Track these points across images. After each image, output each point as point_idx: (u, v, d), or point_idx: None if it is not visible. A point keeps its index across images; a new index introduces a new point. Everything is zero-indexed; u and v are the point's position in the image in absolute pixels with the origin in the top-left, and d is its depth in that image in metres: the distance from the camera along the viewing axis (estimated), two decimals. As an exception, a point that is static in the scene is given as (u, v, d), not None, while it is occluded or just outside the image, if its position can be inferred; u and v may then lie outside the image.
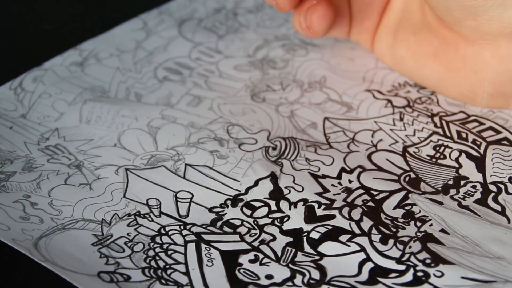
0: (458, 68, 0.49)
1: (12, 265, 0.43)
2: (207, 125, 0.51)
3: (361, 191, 0.46)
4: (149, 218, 0.45)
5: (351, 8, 0.53)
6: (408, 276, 0.41)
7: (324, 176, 0.47)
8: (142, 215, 0.45)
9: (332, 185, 0.47)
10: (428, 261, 0.42)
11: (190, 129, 0.51)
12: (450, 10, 0.46)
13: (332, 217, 0.45)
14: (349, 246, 0.43)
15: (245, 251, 0.43)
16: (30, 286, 0.42)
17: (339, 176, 0.47)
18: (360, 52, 0.57)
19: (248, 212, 0.45)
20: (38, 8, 0.62)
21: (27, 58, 0.56)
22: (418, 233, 0.44)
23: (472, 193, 0.46)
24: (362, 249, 0.43)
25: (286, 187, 0.47)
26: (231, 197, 0.46)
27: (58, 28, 0.60)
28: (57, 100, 0.53)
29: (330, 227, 0.44)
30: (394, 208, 0.45)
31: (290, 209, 0.45)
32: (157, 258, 0.43)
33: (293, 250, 0.43)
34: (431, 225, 0.44)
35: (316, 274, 0.42)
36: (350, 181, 0.47)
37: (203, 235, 0.44)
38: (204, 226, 0.45)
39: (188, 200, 0.46)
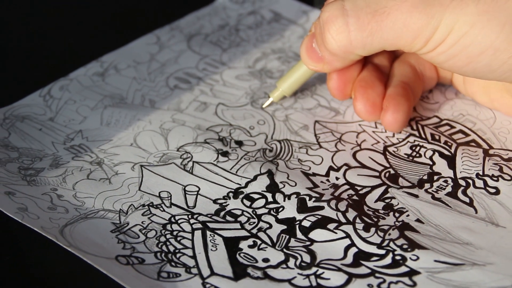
0: None
1: (41, 250, 0.43)
2: (212, 128, 0.51)
3: (346, 186, 0.46)
4: (161, 209, 0.45)
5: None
6: (388, 260, 0.42)
7: (314, 174, 0.47)
8: (155, 206, 0.45)
9: (321, 181, 0.47)
10: (405, 246, 0.42)
11: (197, 131, 0.51)
12: None
13: (321, 208, 0.45)
14: (336, 233, 0.43)
15: (245, 238, 0.43)
16: (57, 267, 0.42)
17: (327, 174, 0.47)
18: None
19: (248, 203, 0.45)
20: (61, 25, 0.62)
21: (55, 69, 0.56)
22: (396, 223, 0.44)
23: (444, 187, 0.46)
24: (347, 236, 0.43)
25: (281, 182, 0.47)
26: (233, 190, 0.46)
27: (81, 42, 0.60)
28: (81, 105, 0.53)
29: (319, 217, 0.44)
30: (376, 201, 0.45)
31: (284, 200, 0.45)
32: (168, 243, 0.43)
33: (287, 236, 0.43)
34: (408, 215, 0.44)
35: (307, 258, 0.42)
36: (337, 178, 0.47)
37: (208, 224, 0.44)
38: (209, 215, 0.45)
39: (195, 192, 0.46)
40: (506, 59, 0.43)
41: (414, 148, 0.49)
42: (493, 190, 0.45)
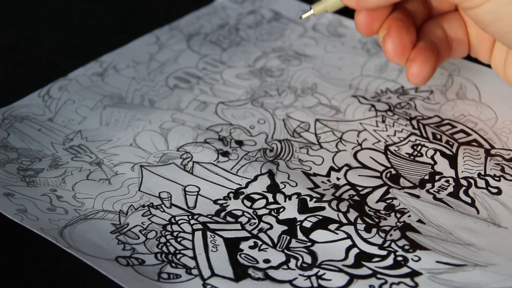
0: None
1: (40, 251, 0.43)
2: (212, 127, 0.51)
3: (347, 187, 0.46)
4: (161, 209, 0.45)
5: (469, 34, 0.49)
6: (389, 260, 0.41)
7: (315, 174, 0.47)
8: (155, 206, 0.45)
9: (322, 182, 0.47)
10: (406, 247, 0.42)
11: (197, 130, 0.50)
12: None
13: (322, 208, 0.45)
14: (337, 234, 0.43)
15: (246, 238, 0.43)
16: (56, 270, 0.42)
17: (328, 174, 0.47)
18: (347, 61, 0.56)
19: (248, 203, 0.45)
20: (60, 25, 0.62)
21: (54, 69, 0.56)
22: (398, 223, 0.43)
23: (445, 187, 0.46)
24: (349, 236, 0.43)
25: (281, 182, 0.46)
26: (233, 191, 0.46)
27: (80, 42, 0.60)
28: (80, 106, 0.53)
29: (320, 217, 0.44)
30: (377, 202, 0.45)
31: (285, 201, 0.45)
32: (168, 244, 0.43)
33: (288, 237, 0.43)
34: (409, 216, 0.44)
35: (308, 259, 0.42)
36: (338, 179, 0.47)
37: (208, 224, 0.44)
38: (209, 216, 0.44)
39: (196, 193, 0.46)
40: None
41: (415, 147, 0.49)
42: (495, 190, 0.45)
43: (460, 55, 0.50)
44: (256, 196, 0.46)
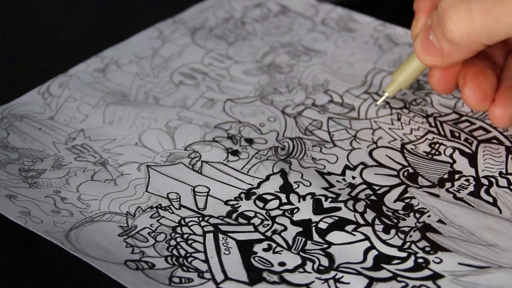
0: None
1: (46, 255, 0.43)
2: (220, 125, 0.51)
3: (363, 186, 0.46)
4: (170, 211, 0.45)
5: None
6: (410, 263, 0.42)
7: (329, 173, 0.47)
8: (163, 208, 0.45)
9: (337, 181, 0.47)
10: (427, 248, 0.42)
11: (205, 128, 0.51)
12: None
13: (338, 209, 0.45)
14: (354, 235, 0.43)
15: (259, 241, 0.43)
16: (63, 273, 0.42)
17: (343, 173, 0.47)
18: (359, 57, 0.57)
19: (261, 204, 0.45)
20: (60, 19, 0.62)
21: (53, 65, 0.56)
22: (417, 224, 0.44)
23: (466, 186, 0.46)
24: (367, 238, 0.43)
25: (295, 182, 0.47)
26: (245, 191, 0.46)
27: (80, 37, 0.60)
28: (82, 103, 0.53)
29: (336, 218, 0.44)
30: (395, 201, 0.45)
31: (299, 201, 0.45)
32: (179, 247, 0.43)
33: (303, 239, 0.43)
34: (429, 216, 0.44)
35: (325, 261, 0.42)
36: (353, 177, 0.47)
37: (220, 226, 0.44)
38: (220, 217, 0.45)
39: (205, 194, 0.46)
40: None
41: (433, 145, 0.49)
42: (517, 189, 0.46)
43: None
44: (268, 197, 0.46)
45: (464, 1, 0.43)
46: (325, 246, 0.43)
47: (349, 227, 0.44)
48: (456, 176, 0.47)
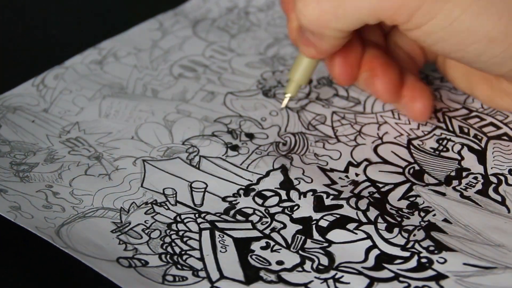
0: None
1: (35, 251, 0.43)
2: (220, 119, 0.51)
3: (367, 183, 0.46)
4: (165, 207, 0.45)
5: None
6: (413, 262, 0.42)
7: (332, 170, 0.48)
8: (158, 204, 0.45)
9: (340, 178, 0.47)
10: (431, 248, 0.42)
11: (204, 122, 0.51)
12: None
13: (340, 206, 0.45)
14: (356, 233, 0.43)
15: (257, 238, 0.43)
16: (53, 271, 0.43)
17: (346, 170, 0.48)
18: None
19: (260, 201, 0.46)
20: (56, 9, 0.63)
21: (49, 56, 0.57)
22: (422, 223, 0.44)
23: (473, 184, 0.46)
24: (369, 236, 0.43)
25: (296, 178, 0.47)
26: (244, 187, 0.46)
27: (78, 28, 0.61)
28: (77, 96, 0.53)
29: (338, 216, 0.44)
30: (399, 199, 0.45)
31: (300, 198, 0.46)
32: (173, 244, 0.43)
33: (303, 237, 0.43)
34: (434, 215, 0.44)
35: (324, 260, 0.42)
36: (357, 174, 0.47)
37: (216, 223, 0.44)
38: (217, 214, 0.45)
39: (203, 190, 0.46)
40: (499, 53, 0.43)
41: (441, 141, 0.49)
42: (527, 188, 0.46)
43: (421, 66, 0.52)
44: (268, 193, 0.46)
45: None
46: (325, 244, 0.43)
47: (351, 225, 0.44)
48: (464, 174, 0.47)
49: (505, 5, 0.42)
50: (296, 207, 0.45)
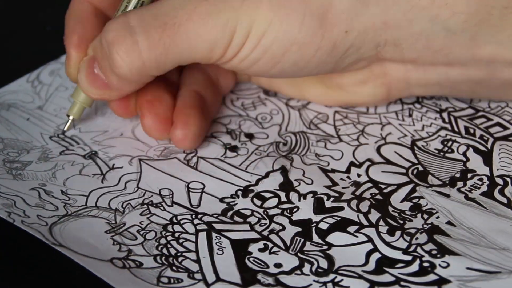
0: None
1: (27, 250, 0.43)
2: (219, 119, 0.51)
3: (369, 184, 0.47)
4: (162, 208, 0.45)
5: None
6: (415, 267, 0.42)
7: (333, 171, 0.48)
8: (154, 204, 0.46)
9: (341, 179, 0.47)
10: (434, 252, 0.42)
11: (203, 122, 0.51)
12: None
13: (341, 208, 0.45)
14: (357, 236, 0.43)
15: (255, 240, 0.43)
16: (45, 270, 0.43)
17: (348, 170, 0.48)
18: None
19: (259, 202, 0.46)
20: (52, 2, 0.63)
21: (44, 52, 0.57)
22: (424, 225, 0.44)
23: (479, 186, 0.46)
24: (370, 239, 0.43)
25: (296, 180, 0.47)
26: (242, 188, 0.46)
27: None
28: (73, 92, 0.53)
29: (338, 218, 0.44)
30: (402, 201, 0.45)
31: (299, 200, 0.46)
32: (169, 246, 0.43)
33: (302, 239, 0.43)
34: (437, 217, 0.44)
35: (324, 263, 0.42)
36: (358, 175, 0.47)
37: (214, 224, 0.44)
38: (215, 215, 0.45)
39: (200, 190, 0.46)
40: (313, 53, 0.45)
41: (445, 142, 0.49)
42: (534, 190, 0.46)
43: (230, 87, 0.53)
44: (267, 195, 0.46)
45: (129, 34, 0.44)
46: (325, 247, 0.43)
47: (351, 228, 0.44)
48: (469, 175, 0.47)
49: (304, 8, 0.44)
50: (295, 209, 0.45)
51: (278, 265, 0.42)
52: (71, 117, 0.50)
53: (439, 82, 0.48)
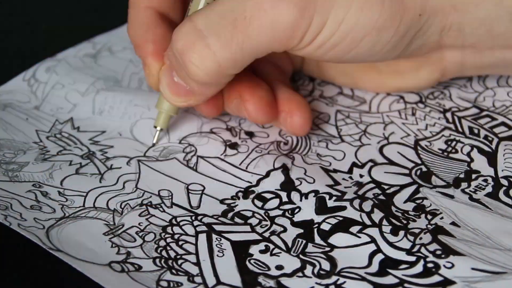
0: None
1: (23, 254, 0.43)
2: (219, 116, 0.51)
3: (372, 185, 0.47)
4: (161, 209, 0.45)
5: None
6: (419, 267, 0.42)
7: (335, 171, 0.48)
8: (154, 206, 0.46)
9: (343, 178, 0.47)
10: (438, 252, 0.42)
11: (202, 119, 0.51)
12: None
13: (343, 208, 0.45)
14: (359, 237, 0.43)
15: (256, 242, 0.43)
16: (42, 275, 0.43)
17: (350, 171, 0.48)
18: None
19: (260, 203, 0.46)
20: (49, 1, 0.63)
21: (40, 49, 0.57)
22: (428, 226, 0.44)
23: (483, 187, 0.46)
24: (373, 240, 0.43)
25: (297, 179, 0.47)
26: (243, 189, 0.46)
27: (70, 21, 0.61)
28: (70, 90, 0.53)
29: (341, 218, 0.44)
30: (405, 202, 0.45)
31: (301, 200, 0.46)
32: (168, 248, 0.43)
33: (304, 241, 0.43)
34: (442, 218, 0.44)
35: (326, 265, 0.42)
36: (361, 176, 0.47)
37: (214, 226, 0.44)
38: (215, 217, 0.45)
39: (200, 192, 0.46)
40: (390, 38, 0.44)
41: (449, 143, 0.49)
42: (539, 191, 0.46)
43: (289, 76, 0.53)
44: (268, 196, 0.46)
45: (199, 39, 0.43)
46: (327, 249, 0.43)
47: (354, 229, 0.44)
48: (473, 176, 0.47)
49: None
50: (297, 210, 0.45)
51: (279, 267, 0.42)
52: (158, 128, 0.49)
53: (495, 63, 0.48)
